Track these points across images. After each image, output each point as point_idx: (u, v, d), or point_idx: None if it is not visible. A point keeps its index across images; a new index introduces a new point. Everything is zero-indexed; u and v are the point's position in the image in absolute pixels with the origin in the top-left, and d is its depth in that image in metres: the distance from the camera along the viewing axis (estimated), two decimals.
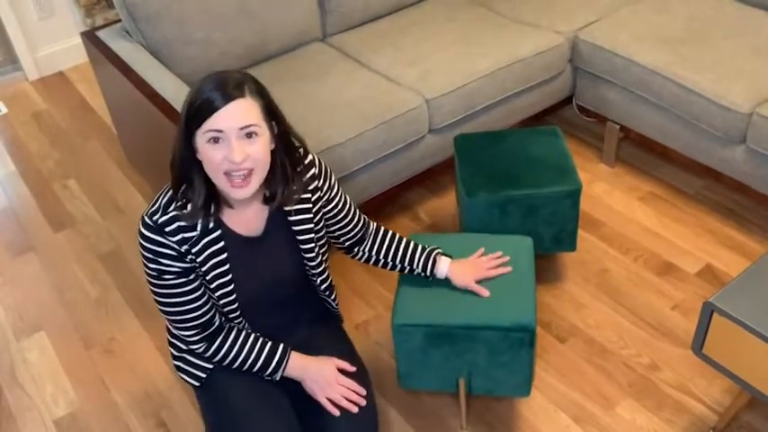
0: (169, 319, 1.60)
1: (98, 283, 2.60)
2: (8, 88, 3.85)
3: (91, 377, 2.27)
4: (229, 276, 1.56)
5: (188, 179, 1.47)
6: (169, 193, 1.49)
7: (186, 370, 1.71)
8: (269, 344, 1.65)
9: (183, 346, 1.69)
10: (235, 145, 1.38)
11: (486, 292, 1.79)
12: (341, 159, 2.31)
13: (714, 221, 2.57)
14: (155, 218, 1.48)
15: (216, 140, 1.39)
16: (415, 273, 1.84)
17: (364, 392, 1.67)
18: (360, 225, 1.78)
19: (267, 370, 1.65)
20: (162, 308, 1.58)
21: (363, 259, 1.86)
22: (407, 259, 1.82)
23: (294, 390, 1.69)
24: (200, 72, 2.60)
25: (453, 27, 2.81)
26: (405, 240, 1.84)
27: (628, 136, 2.78)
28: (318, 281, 1.71)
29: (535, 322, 1.73)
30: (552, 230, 2.22)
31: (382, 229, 1.85)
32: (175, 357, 1.74)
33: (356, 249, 1.84)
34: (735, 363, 1.66)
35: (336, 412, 1.62)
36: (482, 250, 1.90)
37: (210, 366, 1.68)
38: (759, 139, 2.26)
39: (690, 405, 2.01)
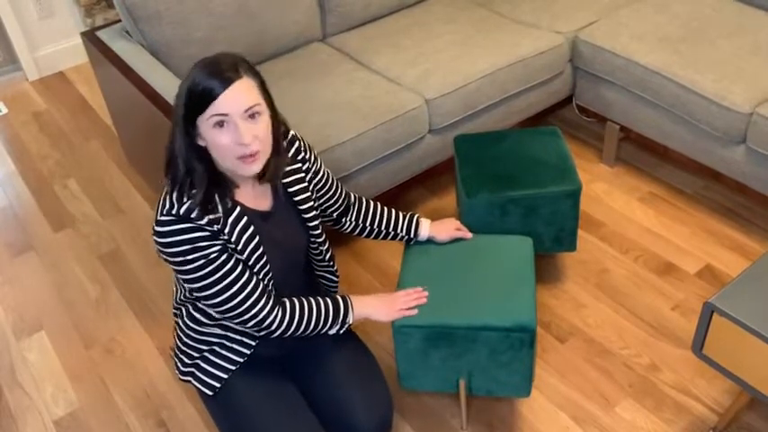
0: (237, 303, 1.53)
1: (98, 283, 2.60)
2: (8, 88, 3.85)
3: (91, 377, 2.27)
4: (262, 248, 1.57)
5: (190, 167, 1.47)
6: (176, 190, 1.47)
7: (200, 378, 1.70)
8: (329, 297, 1.69)
9: (249, 344, 1.68)
10: (242, 127, 1.41)
11: (469, 234, 1.97)
12: (341, 159, 2.31)
13: (714, 221, 2.57)
14: (173, 211, 1.45)
15: (221, 124, 1.41)
16: (399, 237, 1.94)
17: (420, 289, 1.80)
18: (343, 195, 1.85)
19: (337, 322, 1.68)
20: (224, 297, 1.52)
21: (350, 228, 1.92)
22: (392, 224, 1.92)
23: (304, 384, 1.71)
24: None
25: (453, 27, 2.81)
26: (386, 207, 1.94)
27: (628, 136, 2.78)
28: (323, 251, 1.77)
29: (535, 322, 1.73)
30: (552, 230, 2.22)
31: (363, 198, 1.93)
32: (186, 365, 1.72)
33: (343, 220, 1.90)
34: (735, 363, 1.66)
35: (415, 312, 1.75)
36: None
37: (225, 376, 1.68)
38: (759, 139, 2.26)
39: (690, 405, 2.01)
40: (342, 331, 1.70)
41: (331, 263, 1.82)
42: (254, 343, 1.69)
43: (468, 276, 1.85)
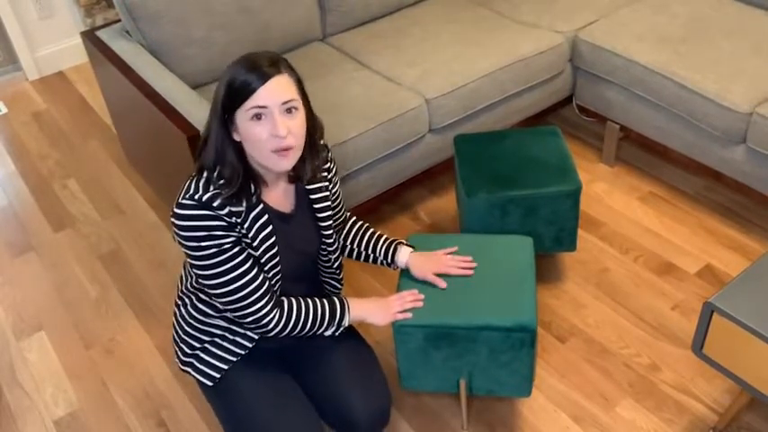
0: (240, 297, 1.55)
1: (98, 283, 2.60)
2: (8, 88, 3.85)
3: (91, 377, 2.27)
4: (276, 248, 1.59)
5: (221, 160, 1.49)
6: (204, 176, 1.50)
7: (200, 369, 1.71)
8: (326, 299, 1.70)
9: (251, 338, 1.69)
10: (278, 119, 1.44)
11: (443, 284, 1.81)
12: (341, 159, 2.31)
13: (714, 221, 2.57)
14: (196, 196, 1.47)
15: (259, 117, 1.44)
16: (378, 261, 1.88)
17: (416, 292, 1.78)
18: (345, 214, 1.86)
19: (333, 324, 1.68)
20: (228, 289, 1.54)
21: None
22: (371, 246, 1.87)
23: (304, 377, 1.72)
24: (200, 72, 2.62)
25: (453, 27, 2.81)
26: (371, 229, 1.90)
27: (628, 136, 2.78)
28: (332, 259, 1.77)
29: (536, 322, 1.73)
30: (552, 230, 2.22)
31: (352, 217, 1.91)
32: (187, 355, 1.73)
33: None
34: (735, 363, 1.66)
35: (409, 315, 1.75)
36: (450, 250, 1.90)
37: (225, 367, 1.69)
38: (759, 139, 2.26)
39: (690, 405, 2.01)
40: (338, 333, 1.71)
41: (338, 271, 1.83)
42: (256, 337, 1.70)
43: (469, 276, 1.85)
